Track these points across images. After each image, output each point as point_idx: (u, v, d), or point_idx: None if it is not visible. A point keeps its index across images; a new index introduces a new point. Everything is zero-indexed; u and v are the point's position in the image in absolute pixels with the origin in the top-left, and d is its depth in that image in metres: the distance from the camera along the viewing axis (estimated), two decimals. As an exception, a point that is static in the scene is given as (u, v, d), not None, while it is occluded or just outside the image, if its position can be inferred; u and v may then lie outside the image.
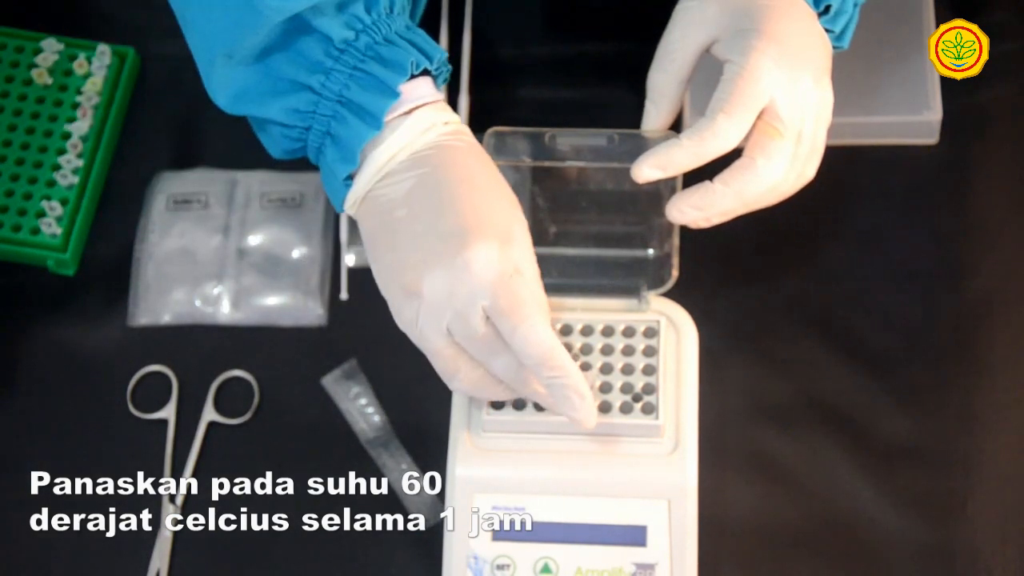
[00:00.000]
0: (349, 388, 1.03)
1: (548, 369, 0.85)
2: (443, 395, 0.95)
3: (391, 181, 0.87)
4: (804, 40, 0.90)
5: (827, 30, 0.92)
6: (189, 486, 1.01)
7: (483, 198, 0.87)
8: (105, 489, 1.02)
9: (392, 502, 1.00)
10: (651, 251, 0.97)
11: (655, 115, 0.93)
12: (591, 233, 0.98)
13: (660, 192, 0.94)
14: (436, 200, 0.86)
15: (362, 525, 1.00)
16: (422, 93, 0.88)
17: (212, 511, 1.01)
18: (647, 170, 0.89)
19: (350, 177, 0.89)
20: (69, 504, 1.01)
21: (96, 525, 1.01)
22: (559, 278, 0.97)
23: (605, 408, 0.91)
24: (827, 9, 0.92)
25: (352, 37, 0.87)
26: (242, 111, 0.92)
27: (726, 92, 0.88)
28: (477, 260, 0.84)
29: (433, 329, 0.86)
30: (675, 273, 0.94)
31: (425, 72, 0.89)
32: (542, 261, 0.97)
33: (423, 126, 0.88)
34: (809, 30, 0.91)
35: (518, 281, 0.85)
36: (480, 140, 0.94)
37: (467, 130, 0.90)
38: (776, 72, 0.87)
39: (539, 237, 0.98)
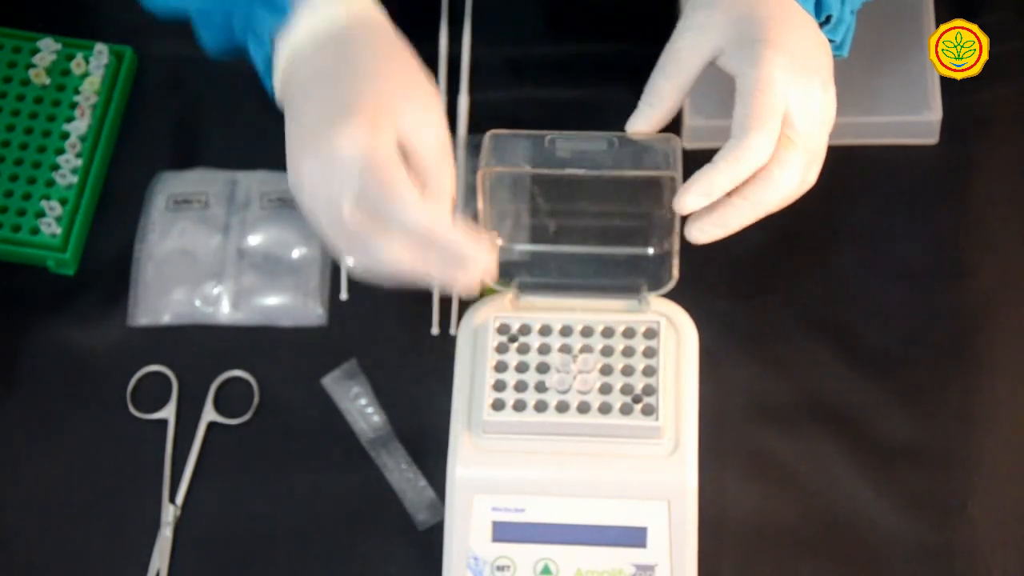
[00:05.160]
0: (349, 388, 1.03)
1: (433, 240, 0.85)
2: (443, 395, 0.96)
3: (294, 68, 0.90)
4: (810, 48, 0.90)
5: (828, 40, 0.92)
6: (189, 486, 1.01)
7: (366, 81, 0.88)
8: (105, 489, 1.02)
9: (392, 502, 1.00)
10: (651, 250, 0.97)
11: (650, 117, 0.92)
12: (591, 234, 0.98)
13: (661, 192, 0.94)
14: (320, 87, 0.88)
15: (362, 525, 1.00)
16: None
17: (212, 511, 1.01)
18: (691, 200, 0.88)
19: (268, 59, 0.92)
20: (69, 504, 1.01)
21: (96, 525, 1.01)
22: (559, 277, 0.97)
23: (605, 409, 0.92)
24: (828, 19, 0.92)
25: None
26: (167, 5, 0.96)
27: (748, 107, 0.87)
28: (341, 147, 0.85)
29: (317, 215, 0.87)
30: (675, 274, 0.94)
31: None
32: (542, 259, 0.97)
33: (326, 12, 0.89)
34: (813, 39, 0.91)
35: (387, 164, 0.85)
36: (479, 141, 0.94)
37: (370, 13, 0.91)
38: (789, 81, 0.87)
39: (539, 235, 0.98)
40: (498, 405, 0.92)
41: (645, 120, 0.92)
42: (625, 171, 0.91)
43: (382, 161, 0.85)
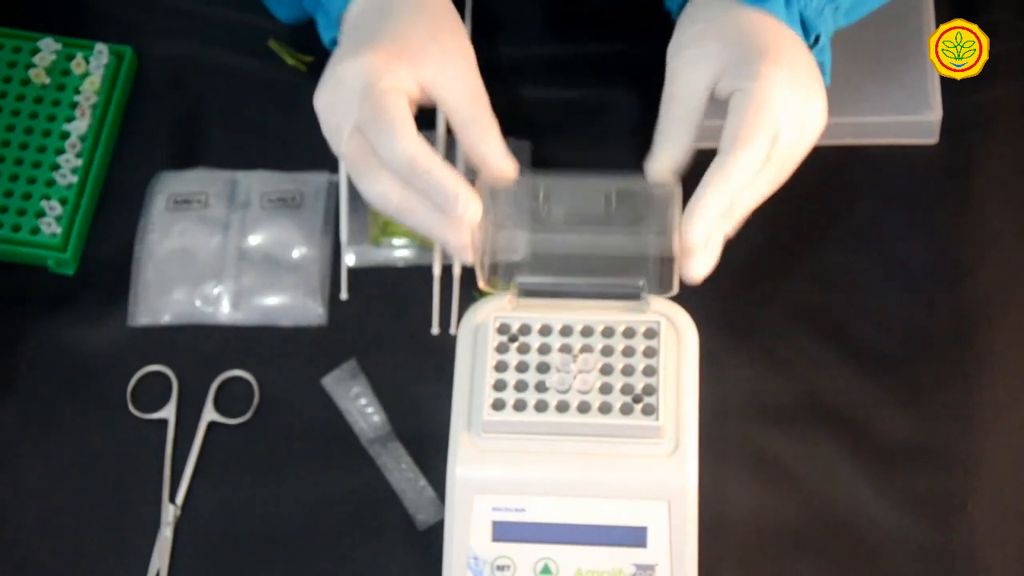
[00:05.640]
0: (349, 388, 1.03)
1: (416, 176, 0.86)
2: (443, 395, 0.95)
3: (343, 29, 0.94)
4: (807, 66, 0.91)
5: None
6: (189, 486, 1.01)
7: (394, 26, 0.91)
8: (105, 489, 1.02)
9: (392, 502, 1.00)
10: (650, 249, 0.96)
11: (664, 159, 0.90)
12: (592, 245, 0.98)
13: (661, 202, 0.93)
14: (354, 31, 0.92)
15: (362, 525, 1.00)
16: None
17: (212, 511, 1.01)
18: (698, 235, 0.87)
19: (335, 41, 0.95)
20: (69, 504, 1.01)
21: (96, 525, 1.01)
22: (559, 277, 0.97)
23: (605, 409, 0.91)
24: (816, 40, 0.92)
25: None
26: None
27: (740, 120, 0.87)
28: (346, 77, 0.88)
29: (329, 143, 0.91)
30: (676, 284, 0.93)
31: None
32: (542, 260, 0.96)
33: None
34: (809, 58, 0.91)
35: (384, 96, 0.87)
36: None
37: None
38: (788, 97, 0.87)
39: (539, 244, 0.98)
40: (498, 405, 0.92)
41: (659, 162, 0.90)
42: (621, 227, 0.91)
43: (380, 93, 0.87)
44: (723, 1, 0.93)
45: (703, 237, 0.88)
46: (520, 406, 0.92)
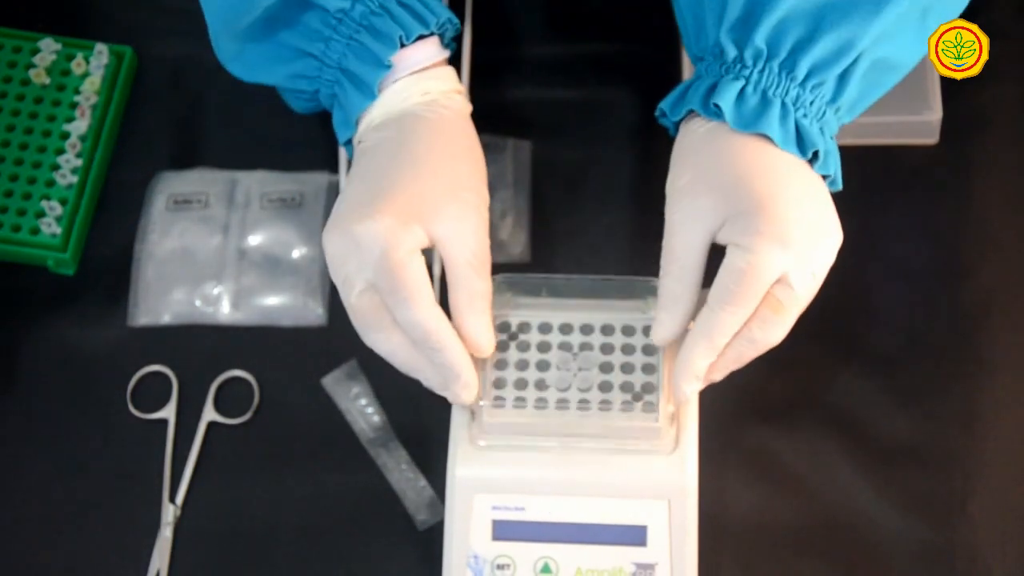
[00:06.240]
0: (349, 388, 1.03)
1: (429, 348, 0.87)
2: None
3: (362, 139, 0.92)
4: (810, 199, 0.88)
5: (823, 176, 0.90)
6: (189, 486, 1.01)
7: (409, 174, 0.89)
8: (105, 489, 1.02)
9: (392, 502, 1.00)
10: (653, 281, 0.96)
11: (670, 324, 0.89)
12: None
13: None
14: (368, 167, 0.90)
15: (362, 525, 1.00)
16: (418, 59, 0.92)
17: (212, 511, 1.01)
18: (689, 387, 0.88)
19: (350, 141, 0.94)
20: (69, 504, 1.01)
21: (96, 525, 1.01)
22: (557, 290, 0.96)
23: (605, 408, 0.91)
24: (815, 155, 0.89)
25: (348, 6, 0.91)
26: (253, 79, 0.97)
27: (732, 282, 0.85)
28: (362, 238, 0.87)
29: (336, 285, 0.89)
30: None
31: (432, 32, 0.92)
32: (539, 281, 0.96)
33: (402, 96, 0.92)
34: (810, 185, 0.89)
35: (401, 263, 0.86)
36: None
37: (447, 100, 0.92)
38: (785, 253, 0.85)
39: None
40: (498, 404, 0.92)
41: (666, 329, 0.89)
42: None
43: (399, 262, 0.86)
44: (716, 129, 0.90)
45: (693, 393, 0.89)
46: (520, 405, 0.92)
